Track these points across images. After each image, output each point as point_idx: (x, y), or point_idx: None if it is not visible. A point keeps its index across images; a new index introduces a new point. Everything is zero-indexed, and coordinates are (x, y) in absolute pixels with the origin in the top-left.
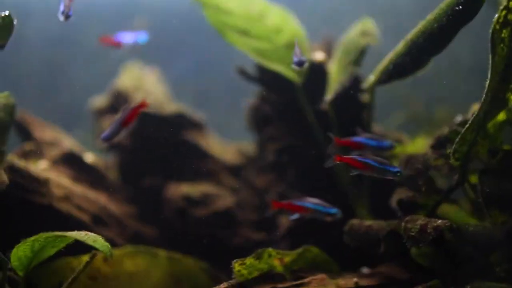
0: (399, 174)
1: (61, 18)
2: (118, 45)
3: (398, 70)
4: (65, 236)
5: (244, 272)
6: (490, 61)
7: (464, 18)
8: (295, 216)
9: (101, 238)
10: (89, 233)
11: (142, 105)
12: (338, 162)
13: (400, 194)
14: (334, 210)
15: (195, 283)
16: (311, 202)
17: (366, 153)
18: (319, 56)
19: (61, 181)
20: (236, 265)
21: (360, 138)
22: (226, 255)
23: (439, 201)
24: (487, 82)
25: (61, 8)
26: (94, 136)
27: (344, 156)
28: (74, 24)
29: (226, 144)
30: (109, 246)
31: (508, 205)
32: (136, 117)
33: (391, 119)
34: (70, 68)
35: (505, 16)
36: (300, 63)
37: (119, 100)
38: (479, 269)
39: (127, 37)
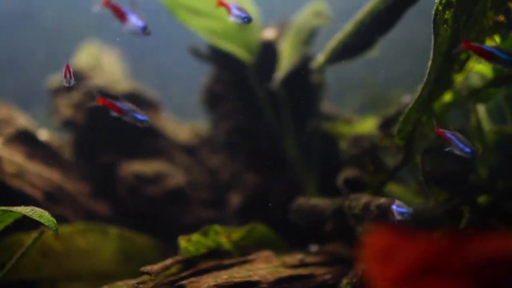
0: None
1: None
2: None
3: (347, 50)
4: (11, 211)
5: (191, 248)
6: (433, 42)
7: None
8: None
9: (47, 213)
10: (36, 208)
11: None
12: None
13: (346, 173)
14: (469, 150)
15: (145, 260)
16: (455, 136)
17: None
18: (268, 33)
19: (14, 158)
20: (183, 242)
21: (492, 48)
22: (178, 233)
23: (384, 180)
24: (429, 63)
25: None
26: (50, 114)
27: (472, 44)
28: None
29: (181, 124)
30: (55, 221)
31: (448, 183)
32: None
33: (348, 101)
34: (30, 46)
35: None
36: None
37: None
38: None
39: None
